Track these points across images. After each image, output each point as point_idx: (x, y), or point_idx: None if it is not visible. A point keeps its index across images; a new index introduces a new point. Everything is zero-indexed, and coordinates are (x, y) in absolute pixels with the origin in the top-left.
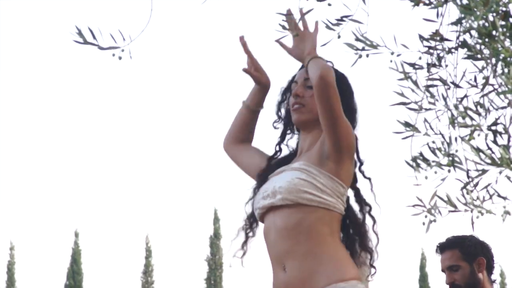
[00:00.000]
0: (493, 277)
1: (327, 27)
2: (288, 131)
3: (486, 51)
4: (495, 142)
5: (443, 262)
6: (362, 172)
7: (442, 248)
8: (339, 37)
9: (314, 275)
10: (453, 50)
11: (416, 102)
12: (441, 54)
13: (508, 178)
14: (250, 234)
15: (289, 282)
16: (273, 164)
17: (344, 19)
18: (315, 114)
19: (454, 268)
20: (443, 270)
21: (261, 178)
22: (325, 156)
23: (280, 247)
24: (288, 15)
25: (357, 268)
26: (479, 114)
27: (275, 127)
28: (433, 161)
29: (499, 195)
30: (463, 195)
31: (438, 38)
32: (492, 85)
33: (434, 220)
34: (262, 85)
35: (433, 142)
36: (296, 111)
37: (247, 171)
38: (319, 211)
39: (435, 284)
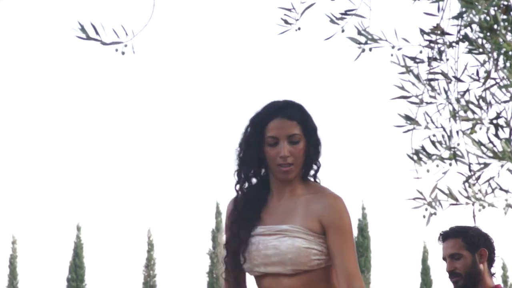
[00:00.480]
0: (493, 270)
1: (331, 21)
2: (251, 173)
3: (487, 45)
4: (496, 135)
5: (445, 250)
6: None
7: (445, 236)
8: (343, 31)
9: None
10: (454, 44)
11: (417, 96)
12: (442, 48)
13: (510, 171)
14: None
15: None
16: (248, 209)
17: (348, 13)
18: (300, 167)
19: (456, 256)
20: (444, 258)
21: (245, 226)
22: (319, 231)
23: None
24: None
25: None
26: (481, 108)
27: (240, 174)
28: (434, 155)
29: (501, 189)
30: (465, 189)
31: (439, 32)
32: (494, 79)
33: (435, 213)
34: None
35: (434, 135)
36: (288, 172)
37: None
38: (323, 270)
39: (437, 277)
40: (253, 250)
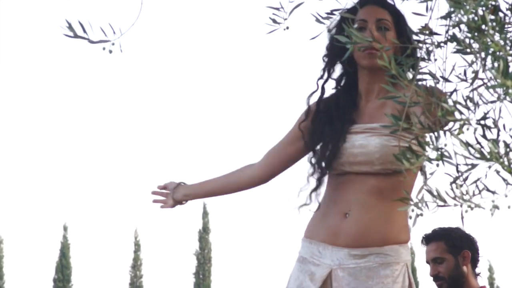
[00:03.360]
0: (478, 270)
1: (317, 20)
2: (333, 67)
3: (475, 45)
4: (484, 136)
5: (428, 254)
6: None
7: (427, 239)
8: (329, 30)
9: (369, 230)
10: (442, 44)
11: (405, 96)
12: (430, 48)
13: (497, 172)
14: (320, 183)
15: (346, 228)
16: (333, 109)
17: (334, 12)
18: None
19: (439, 260)
20: (427, 262)
21: (333, 127)
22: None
23: (352, 197)
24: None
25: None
26: (468, 108)
27: (326, 66)
28: (421, 155)
29: (488, 190)
30: (452, 190)
31: (427, 32)
32: (482, 79)
33: (421, 214)
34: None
35: (421, 136)
36: (373, 56)
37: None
38: (416, 174)
39: (424, 278)
40: (339, 147)
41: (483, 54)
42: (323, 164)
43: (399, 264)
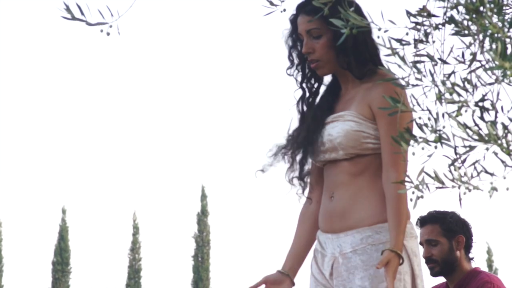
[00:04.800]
0: (474, 254)
1: (315, 2)
2: (307, 72)
3: (473, 27)
4: (482, 118)
5: (423, 236)
6: None
7: (423, 221)
8: (326, 13)
9: (358, 208)
10: (440, 26)
11: (403, 78)
12: (428, 30)
13: (496, 154)
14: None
15: (333, 209)
16: (314, 107)
17: None
18: (333, 61)
19: (433, 242)
20: (421, 243)
21: (310, 125)
22: (371, 117)
23: (335, 179)
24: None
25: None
26: (467, 90)
27: (289, 74)
28: (420, 137)
29: (486, 172)
30: (450, 172)
31: (425, 14)
32: (480, 61)
33: (422, 196)
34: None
35: (420, 118)
36: (316, 68)
37: None
38: (375, 156)
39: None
40: (316, 140)
41: (481, 36)
42: (303, 159)
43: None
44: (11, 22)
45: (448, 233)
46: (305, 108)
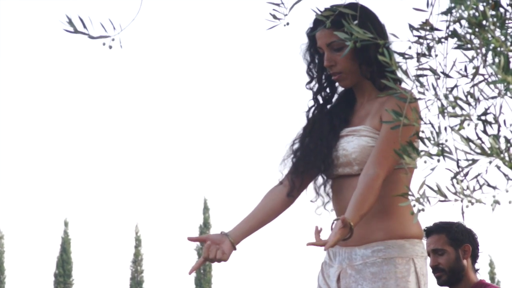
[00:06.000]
0: (477, 266)
1: (317, 16)
2: (323, 82)
3: (476, 41)
4: (485, 132)
5: (429, 245)
6: None
7: (428, 232)
8: (328, 26)
9: (372, 226)
10: (443, 40)
11: (405, 92)
12: (431, 44)
13: (498, 167)
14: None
15: None
16: (326, 118)
17: (335, 8)
18: (356, 72)
19: (440, 252)
20: (428, 253)
21: (325, 138)
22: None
23: (348, 193)
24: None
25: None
26: (469, 104)
27: (308, 89)
28: (422, 151)
29: (489, 185)
30: (453, 185)
31: (428, 27)
32: (482, 75)
33: (423, 209)
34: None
35: (422, 131)
36: (338, 80)
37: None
38: (395, 172)
39: None
40: (330, 153)
41: (483, 50)
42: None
43: (403, 259)
44: (14, 29)
45: (455, 242)
46: (317, 118)
